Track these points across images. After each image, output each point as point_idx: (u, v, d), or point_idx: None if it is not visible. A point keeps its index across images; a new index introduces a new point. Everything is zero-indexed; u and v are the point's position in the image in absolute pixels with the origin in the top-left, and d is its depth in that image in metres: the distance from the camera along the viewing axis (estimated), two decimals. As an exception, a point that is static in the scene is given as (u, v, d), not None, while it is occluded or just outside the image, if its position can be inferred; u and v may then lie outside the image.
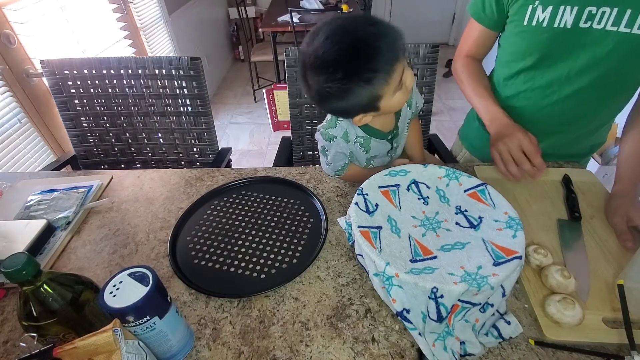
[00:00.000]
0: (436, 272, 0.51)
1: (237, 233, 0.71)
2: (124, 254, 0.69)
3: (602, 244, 0.65)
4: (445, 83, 3.30)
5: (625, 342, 0.48)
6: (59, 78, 1.09)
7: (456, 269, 0.52)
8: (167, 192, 0.83)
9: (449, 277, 0.50)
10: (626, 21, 0.64)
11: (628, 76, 0.72)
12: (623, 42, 0.66)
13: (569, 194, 0.74)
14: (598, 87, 0.72)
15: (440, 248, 0.57)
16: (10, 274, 0.40)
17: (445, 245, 0.58)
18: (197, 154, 1.22)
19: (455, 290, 0.46)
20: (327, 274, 0.63)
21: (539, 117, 0.81)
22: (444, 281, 0.48)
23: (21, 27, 1.25)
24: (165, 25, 2.37)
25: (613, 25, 0.65)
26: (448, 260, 0.54)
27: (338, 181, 0.84)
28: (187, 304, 0.59)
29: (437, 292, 0.47)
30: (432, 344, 0.49)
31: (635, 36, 0.64)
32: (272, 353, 0.52)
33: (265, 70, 3.40)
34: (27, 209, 0.76)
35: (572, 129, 0.83)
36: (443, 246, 0.58)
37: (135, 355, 0.40)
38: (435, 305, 0.48)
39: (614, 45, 0.67)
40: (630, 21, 0.64)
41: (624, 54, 0.67)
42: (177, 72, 1.08)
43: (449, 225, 0.61)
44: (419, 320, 0.50)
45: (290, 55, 1.09)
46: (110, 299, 0.42)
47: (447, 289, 0.47)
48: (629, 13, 0.63)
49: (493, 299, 0.50)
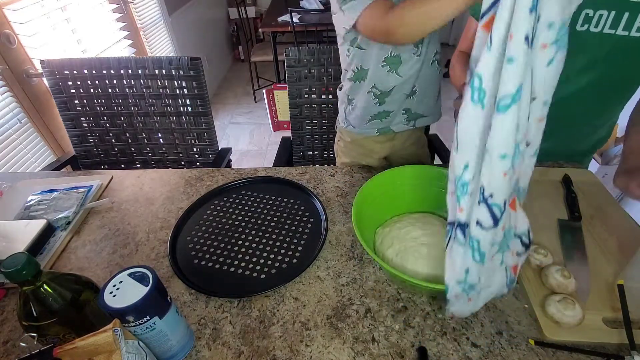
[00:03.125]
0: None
1: (237, 233, 0.71)
2: (124, 254, 0.69)
3: (602, 244, 0.65)
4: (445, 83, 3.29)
5: (625, 342, 0.48)
6: (59, 78, 1.09)
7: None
8: (167, 192, 0.83)
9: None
10: (623, 24, 0.64)
11: (626, 77, 0.72)
12: (620, 44, 0.66)
13: (569, 194, 0.74)
14: (597, 87, 0.72)
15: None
16: (10, 274, 0.40)
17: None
18: (197, 154, 1.22)
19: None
20: (327, 274, 0.63)
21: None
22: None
23: (21, 27, 1.25)
24: (165, 25, 2.37)
25: (610, 29, 0.65)
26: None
27: (338, 181, 0.84)
28: (187, 304, 0.59)
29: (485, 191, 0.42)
30: (492, 255, 0.45)
31: (633, 39, 0.64)
32: (272, 353, 0.52)
33: (265, 70, 3.39)
34: (27, 209, 0.76)
35: (572, 128, 0.83)
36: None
37: (135, 355, 0.40)
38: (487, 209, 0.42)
39: (611, 48, 0.67)
40: (627, 24, 0.64)
41: (621, 57, 0.67)
42: (177, 72, 1.08)
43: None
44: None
45: (290, 55, 1.09)
46: (110, 299, 0.42)
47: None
48: (627, 16, 0.63)
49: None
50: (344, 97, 0.83)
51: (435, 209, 0.69)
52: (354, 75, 0.75)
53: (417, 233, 0.62)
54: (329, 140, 1.23)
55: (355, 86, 0.77)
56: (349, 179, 0.84)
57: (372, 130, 0.85)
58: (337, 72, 1.11)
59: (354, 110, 0.82)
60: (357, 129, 0.86)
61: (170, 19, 2.43)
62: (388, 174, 0.67)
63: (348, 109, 0.83)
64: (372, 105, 0.79)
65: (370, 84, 0.74)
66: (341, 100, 0.86)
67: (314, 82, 1.12)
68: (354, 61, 0.73)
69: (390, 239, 0.62)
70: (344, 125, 0.88)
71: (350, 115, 0.84)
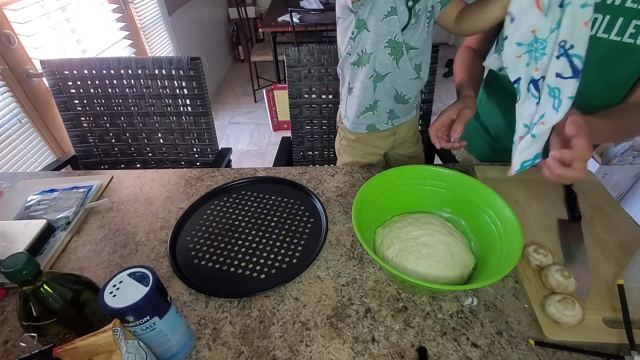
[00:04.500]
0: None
1: (237, 233, 0.71)
2: (124, 254, 0.69)
3: (602, 244, 0.65)
4: (446, 83, 3.30)
5: (625, 342, 0.48)
6: (59, 78, 1.09)
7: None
8: (167, 192, 0.83)
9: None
10: (617, 29, 0.64)
11: (618, 82, 0.71)
12: (613, 49, 0.66)
13: (569, 194, 0.74)
14: (590, 90, 0.72)
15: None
16: (10, 274, 0.40)
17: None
18: (197, 154, 1.22)
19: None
20: (327, 274, 0.63)
21: None
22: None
23: (21, 27, 1.25)
24: (165, 25, 2.37)
25: (604, 33, 0.66)
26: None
27: (338, 181, 0.84)
28: (187, 304, 0.59)
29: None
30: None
31: (625, 44, 0.65)
32: (272, 353, 0.52)
33: (265, 70, 3.39)
34: (27, 209, 0.76)
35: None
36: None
37: (135, 355, 0.40)
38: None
39: (604, 53, 0.67)
40: (621, 30, 0.64)
41: (614, 61, 0.67)
42: (177, 72, 1.08)
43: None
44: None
45: (290, 55, 1.09)
46: (110, 299, 0.42)
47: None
48: (621, 21, 0.64)
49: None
50: (345, 87, 0.84)
51: (435, 209, 0.70)
52: (358, 60, 0.76)
53: (417, 233, 0.62)
54: (329, 140, 1.23)
55: (357, 72, 0.78)
56: (349, 179, 0.84)
57: (360, 126, 0.86)
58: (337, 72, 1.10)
59: (351, 99, 0.83)
60: (350, 122, 0.87)
61: (170, 19, 2.43)
62: (388, 174, 0.67)
63: (348, 99, 0.84)
64: (370, 93, 0.80)
65: (371, 67, 0.76)
66: (342, 93, 0.87)
67: (314, 82, 1.12)
68: (360, 44, 0.74)
69: (390, 239, 0.62)
70: (342, 117, 0.89)
71: (349, 106, 0.85)
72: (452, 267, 0.57)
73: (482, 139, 0.98)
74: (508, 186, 0.76)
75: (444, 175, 0.67)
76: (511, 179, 0.78)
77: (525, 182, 0.78)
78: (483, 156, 1.00)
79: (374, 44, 0.72)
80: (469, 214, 0.66)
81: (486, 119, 0.96)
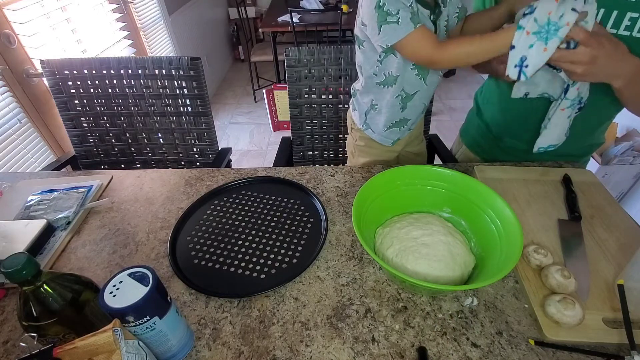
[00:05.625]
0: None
1: (237, 233, 0.71)
2: (124, 254, 0.69)
3: (602, 244, 0.65)
4: (445, 83, 3.30)
5: (625, 342, 0.48)
6: (59, 78, 1.09)
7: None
8: (167, 192, 0.83)
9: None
10: (612, 22, 0.64)
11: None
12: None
13: (569, 194, 0.74)
14: (590, 85, 0.72)
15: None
16: (10, 274, 0.40)
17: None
18: (197, 154, 1.22)
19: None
20: (327, 274, 0.63)
21: (536, 117, 0.81)
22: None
23: (21, 27, 1.25)
24: (165, 25, 2.38)
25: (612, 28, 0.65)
26: None
27: (338, 181, 0.84)
28: (187, 304, 0.59)
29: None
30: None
31: (621, 37, 0.64)
32: (272, 353, 0.52)
33: (265, 70, 3.40)
34: (27, 209, 0.76)
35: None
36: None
37: (135, 355, 0.40)
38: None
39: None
40: (616, 22, 0.64)
41: None
42: (177, 72, 1.08)
43: None
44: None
45: (290, 55, 1.09)
46: (110, 299, 0.42)
47: None
48: (615, 14, 0.63)
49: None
50: (365, 101, 0.85)
51: (435, 209, 0.69)
52: (385, 80, 0.77)
53: (417, 233, 0.62)
54: (329, 140, 1.23)
55: (383, 91, 0.79)
56: (349, 179, 0.84)
57: (388, 140, 0.88)
58: (337, 72, 1.11)
59: (378, 114, 0.84)
60: (376, 134, 0.88)
61: (170, 19, 2.43)
62: (388, 174, 0.67)
63: (371, 114, 0.86)
64: (397, 110, 0.82)
65: (399, 87, 0.77)
66: (360, 104, 0.87)
67: (314, 82, 1.12)
68: (387, 67, 0.75)
69: (390, 239, 0.62)
70: (364, 128, 0.90)
71: (373, 120, 0.86)
72: (452, 267, 0.57)
73: (485, 137, 0.98)
74: (508, 186, 0.76)
75: (444, 175, 0.67)
76: (511, 179, 0.79)
77: (525, 182, 0.78)
78: (483, 154, 1.00)
79: (400, 68, 0.74)
80: (469, 214, 0.66)
81: (488, 117, 0.96)
